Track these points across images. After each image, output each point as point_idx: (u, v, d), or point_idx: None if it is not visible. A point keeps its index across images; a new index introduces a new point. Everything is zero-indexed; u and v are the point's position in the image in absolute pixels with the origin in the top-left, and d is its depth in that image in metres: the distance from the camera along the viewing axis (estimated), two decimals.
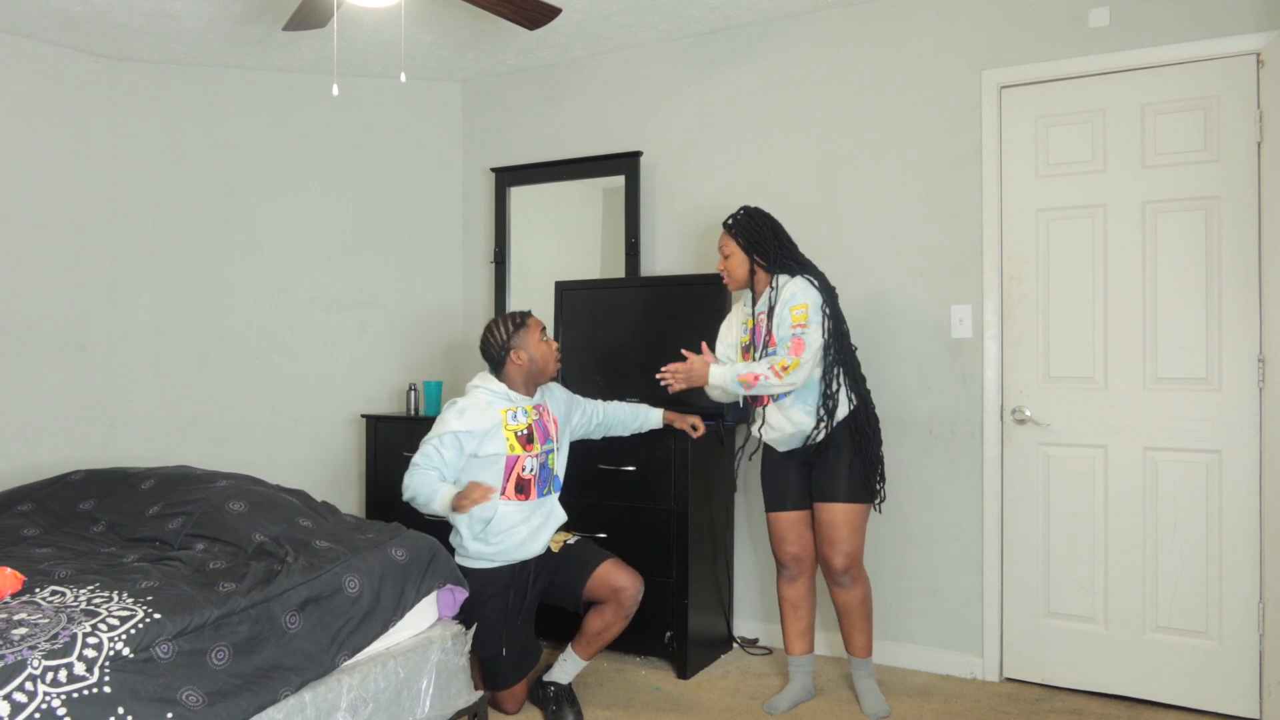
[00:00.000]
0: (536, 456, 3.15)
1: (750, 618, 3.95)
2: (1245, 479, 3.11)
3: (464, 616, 2.98)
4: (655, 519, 3.57)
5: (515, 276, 4.54)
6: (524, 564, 3.14)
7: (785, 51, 3.89)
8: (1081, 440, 3.35)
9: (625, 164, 4.18)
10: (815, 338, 3.05)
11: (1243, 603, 3.11)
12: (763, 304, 3.19)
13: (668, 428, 3.52)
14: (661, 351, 3.75)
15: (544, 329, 3.23)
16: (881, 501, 3.25)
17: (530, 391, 3.21)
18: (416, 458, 3.05)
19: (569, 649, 3.19)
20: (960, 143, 3.54)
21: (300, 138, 4.54)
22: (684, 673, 3.53)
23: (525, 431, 3.13)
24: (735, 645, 3.89)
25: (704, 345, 3.29)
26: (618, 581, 3.11)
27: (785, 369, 3.02)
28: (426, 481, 2.99)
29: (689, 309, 3.76)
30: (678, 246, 4.13)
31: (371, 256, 4.63)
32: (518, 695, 3.16)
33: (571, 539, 3.25)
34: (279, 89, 4.51)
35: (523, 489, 3.12)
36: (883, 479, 3.23)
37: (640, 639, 3.60)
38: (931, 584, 3.59)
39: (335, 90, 2.99)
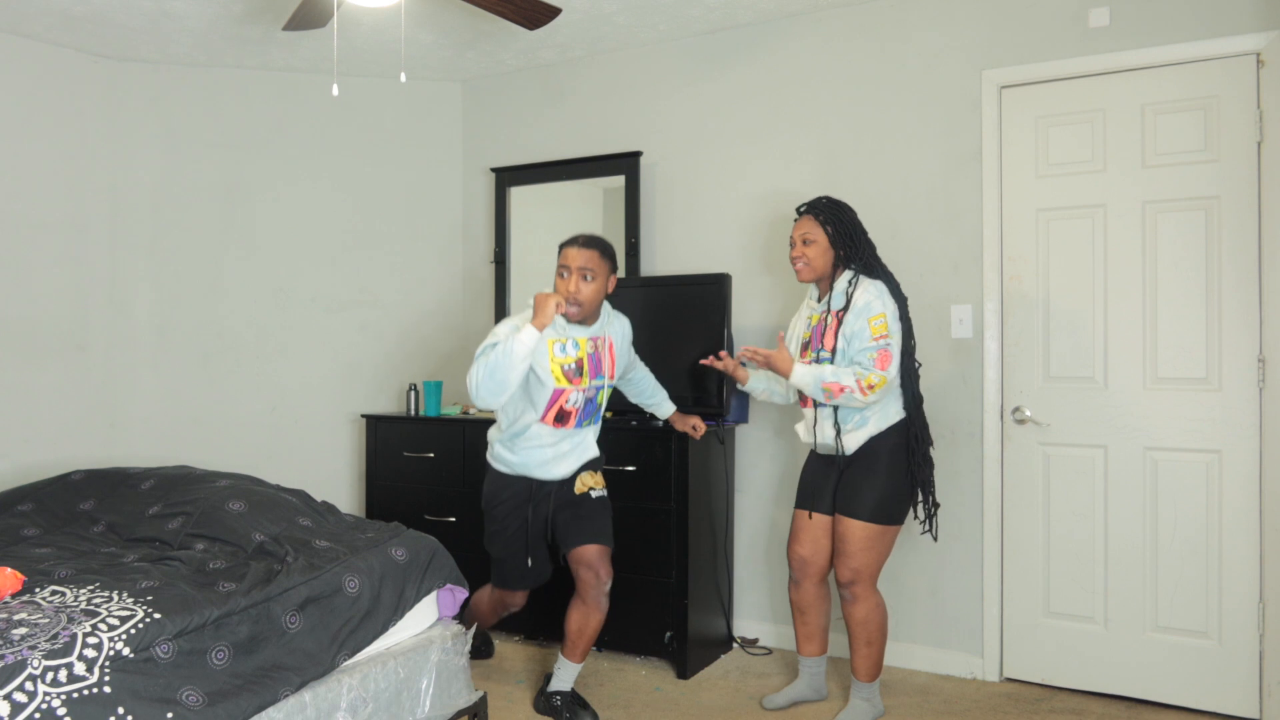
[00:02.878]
0: (584, 391, 2.99)
1: (750, 618, 3.95)
2: (1245, 479, 3.11)
3: (463, 616, 2.98)
4: (655, 519, 3.57)
5: (515, 276, 4.54)
6: (543, 485, 3.06)
7: (785, 51, 3.89)
8: (1081, 440, 3.35)
9: (625, 164, 4.18)
10: (897, 351, 2.89)
11: (1243, 603, 3.11)
12: (837, 300, 3.01)
13: (668, 428, 3.51)
14: (662, 351, 3.75)
15: (569, 266, 2.92)
16: (926, 528, 3.08)
17: (586, 321, 3.00)
18: (483, 350, 2.82)
19: (560, 657, 3.15)
20: (960, 143, 3.54)
21: (300, 138, 4.54)
22: (684, 673, 3.53)
23: (574, 365, 2.95)
24: (735, 645, 3.89)
25: (780, 335, 3.09)
26: (594, 567, 3.03)
27: (872, 387, 2.84)
28: (492, 354, 2.78)
29: (689, 309, 3.76)
30: (678, 246, 4.13)
31: (371, 256, 4.63)
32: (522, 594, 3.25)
33: (598, 489, 3.12)
34: (279, 89, 4.51)
35: (562, 419, 3.00)
36: (926, 503, 3.04)
37: (640, 639, 3.60)
38: (931, 584, 3.59)
39: (335, 90, 2.98)
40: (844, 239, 3.02)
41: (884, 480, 2.97)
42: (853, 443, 3.00)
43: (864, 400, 2.88)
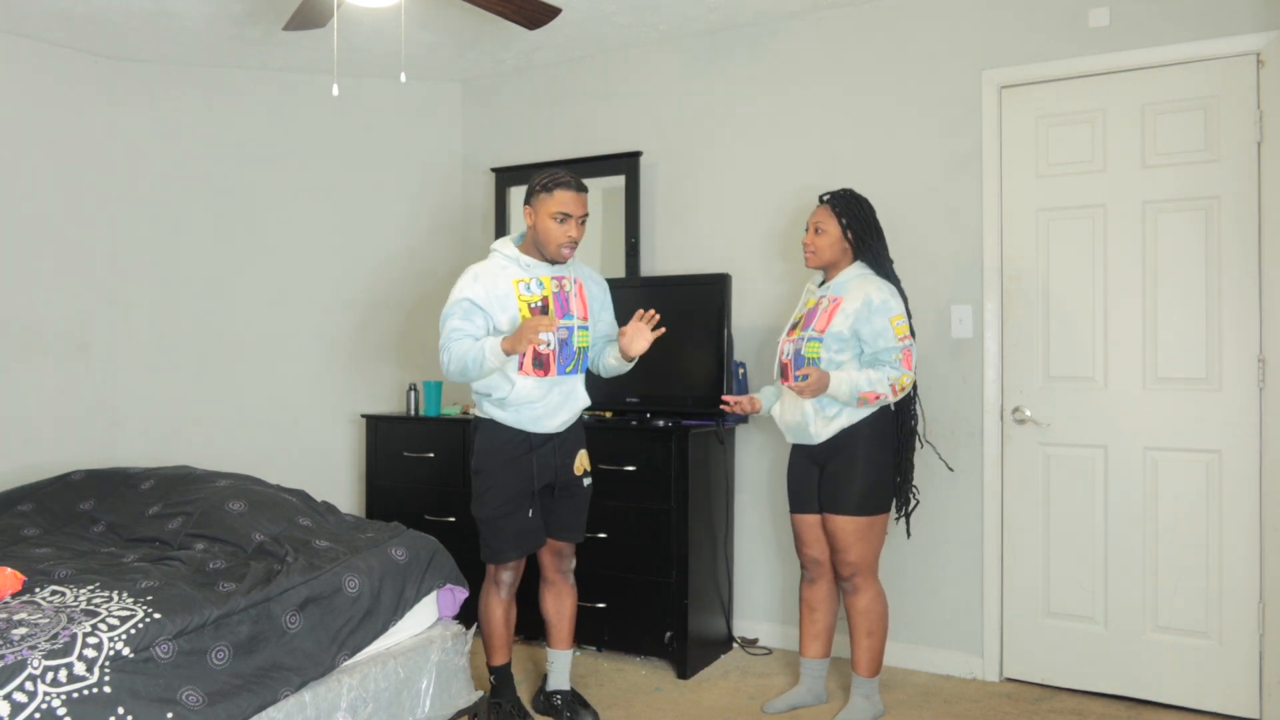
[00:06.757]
0: (554, 332, 2.87)
1: (750, 618, 3.95)
2: (1245, 479, 3.11)
3: (464, 616, 2.98)
4: (655, 519, 3.57)
5: None
6: (546, 437, 2.93)
7: (785, 52, 3.89)
8: (1081, 440, 3.35)
9: (625, 164, 4.18)
10: (914, 350, 3.02)
11: (1243, 603, 3.11)
12: (836, 288, 3.06)
13: (668, 428, 3.51)
14: (661, 351, 3.74)
15: (570, 214, 2.82)
16: (902, 517, 3.15)
17: (549, 260, 2.91)
18: (444, 336, 2.81)
19: (549, 651, 3.15)
20: (960, 143, 3.54)
21: (300, 138, 4.54)
22: (684, 673, 3.53)
23: (539, 304, 2.86)
24: (735, 645, 3.89)
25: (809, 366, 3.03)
26: (558, 551, 3.05)
27: (904, 387, 2.96)
28: (466, 348, 2.76)
29: (689, 309, 3.76)
30: (677, 246, 4.13)
31: (371, 256, 4.63)
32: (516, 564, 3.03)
33: (589, 473, 3.06)
34: (279, 89, 4.51)
35: (541, 364, 2.86)
36: (905, 493, 3.10)
37: (640, 639, 3.61)
38: (931, 584, 3.59)
39: (335, 90, 2.98)
40: (855, 233, 3.07)
41: (863, 471, 3.01)
42: (825, 431, 3.02)
43: (895, 398, 2.99)
